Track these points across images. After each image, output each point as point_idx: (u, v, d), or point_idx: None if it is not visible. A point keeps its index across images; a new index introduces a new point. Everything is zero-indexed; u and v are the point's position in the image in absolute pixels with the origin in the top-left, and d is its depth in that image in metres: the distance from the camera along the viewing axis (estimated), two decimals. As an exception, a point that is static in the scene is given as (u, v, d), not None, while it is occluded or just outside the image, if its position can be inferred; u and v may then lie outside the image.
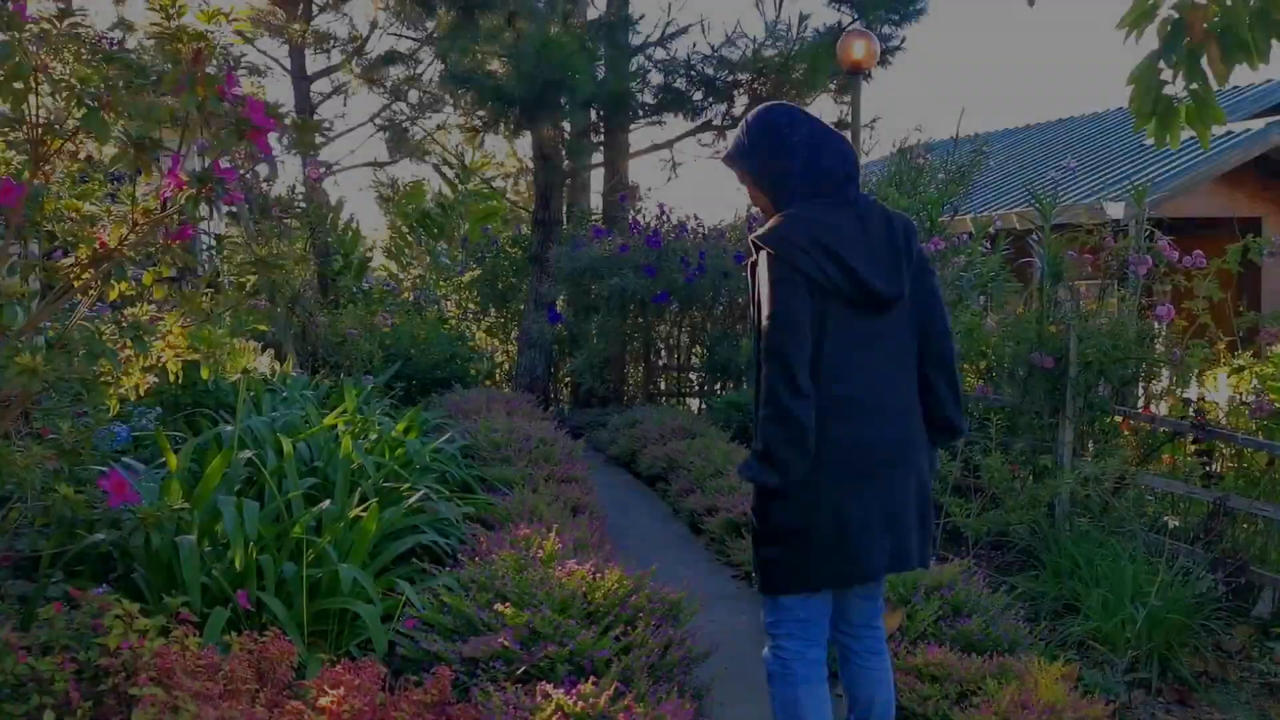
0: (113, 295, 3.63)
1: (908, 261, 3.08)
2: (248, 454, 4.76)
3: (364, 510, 4.27)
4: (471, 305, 15.91)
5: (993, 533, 5.92)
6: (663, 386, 12.63)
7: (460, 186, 18.52)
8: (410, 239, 18.40)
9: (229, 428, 5.12)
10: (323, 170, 9.74)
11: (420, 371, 11.07)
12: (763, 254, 3.04)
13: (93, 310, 3.92)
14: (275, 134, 3.57)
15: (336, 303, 12.81)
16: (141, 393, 3.96)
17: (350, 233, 16.47)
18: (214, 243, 8.99)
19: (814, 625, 3.16)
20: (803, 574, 3.06)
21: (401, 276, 18.11)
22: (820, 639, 3.19)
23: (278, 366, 5.91)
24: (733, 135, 3.33)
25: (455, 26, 12.13)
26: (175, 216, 3.40)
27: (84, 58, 3.17)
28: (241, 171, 9.67)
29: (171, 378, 4.04)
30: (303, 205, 10.24)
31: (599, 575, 4.17)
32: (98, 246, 3.31)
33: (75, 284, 3.44)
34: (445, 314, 15.35)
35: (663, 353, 12.71)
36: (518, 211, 17.59)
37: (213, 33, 3.24)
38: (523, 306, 13.86)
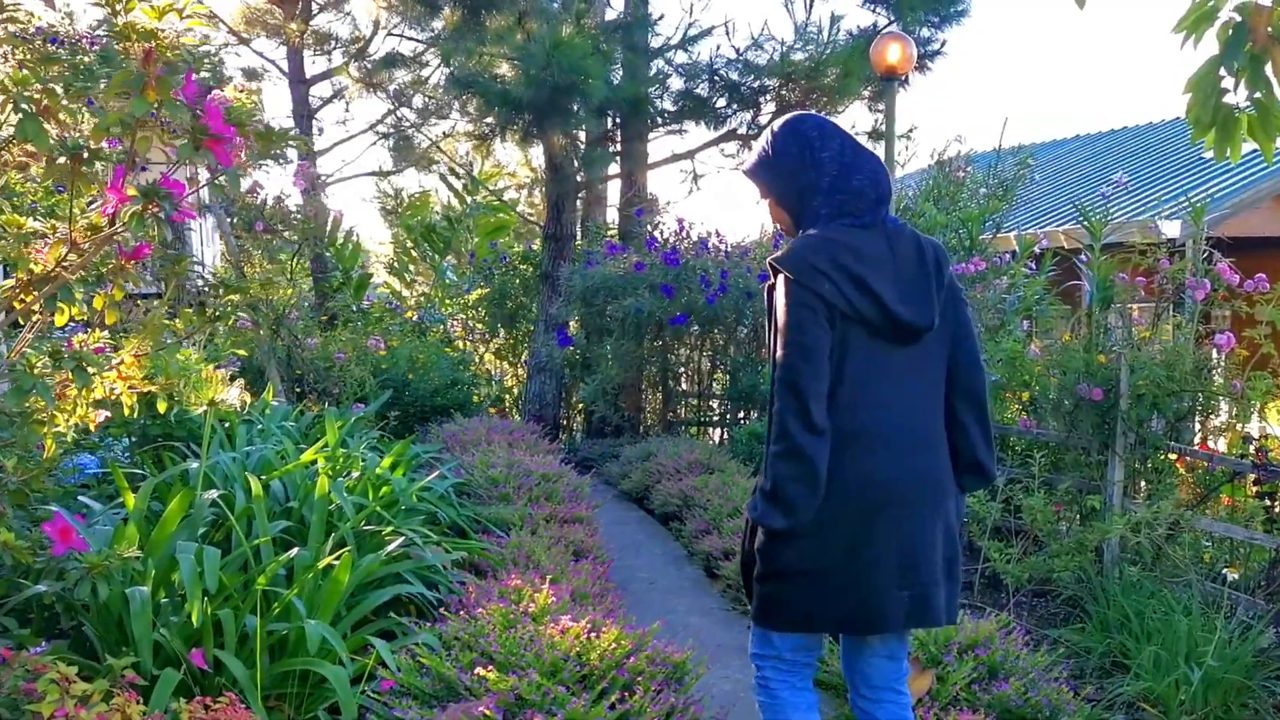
0: (61, 321, 3.50)
1: (939, 288, 2.99)
2: (213, 494, 4.61)
3: (337, 558, 4.11)
4: (479, 326, 15.80)
5: (1035, 580, 5.82)
6: (682, 415, 12.45)
7: (468, 199, 18.44)
8: (414, 254, 18.32)
9: (195, 464, 4.98)
10: (316, 179, 9.61)
11: (419, 399, 10.93)
12: (780, 277, 2.94)
13: (44, 337, 3.80)
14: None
15: (332, 322, 12.70)
16: (92, 428, 3.83)
17: (350, 246, 16.39)
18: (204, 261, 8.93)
19: (804, 666, 3.16)
20: (803, 616, 2.99)
21: (405, 294, 18.03)
22: (809, 673, 3.18)
23: (250, 397, 5.74)
24: (756, 145, 3.22)
25: (460, 27, 12.03)
26: (127, 235, 3.27)
27: (18, 58, 3.05)
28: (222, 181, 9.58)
29: (126, 411, 3.90)
30: (297, 217, 10.10)
31: (596, 633, 4.01)
32: (33, 267, 3.18)
33: (17, 307, 3.32)
34: (451, 335, 15.24)
35: (682, 379, 12.52)
36: (530, 226, 17.49)
37: (164, 30, 3.11)
38: (533, 328, 13.75)
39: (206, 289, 3.61)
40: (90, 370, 3.35)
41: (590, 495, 7.36)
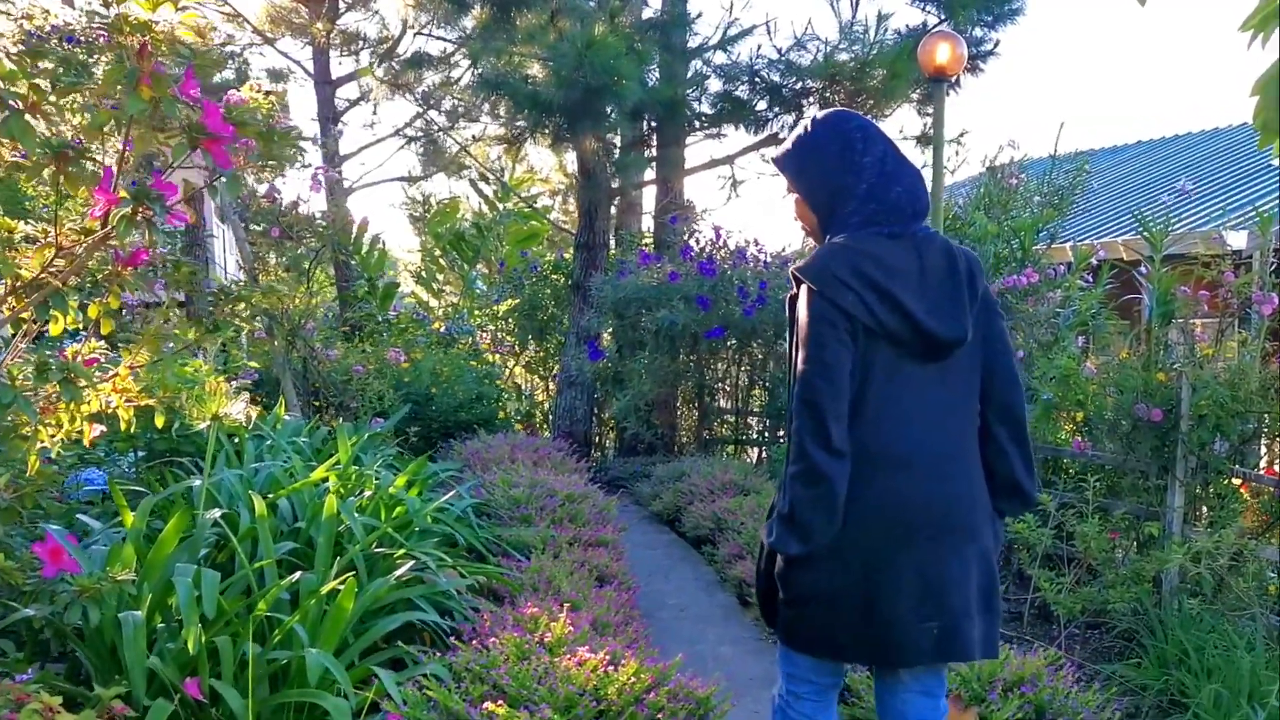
0: (55, 330, 3.45)
1: (971, 300, 2.92)
2: (216, 513, 4.55)
3: (342, 583, 4.04)
4: (509, 338, 15.77)
5: (1088, 611, 5.72)
6: (719, 433, 12.33)
7: (499, 205, 18.44)
8: (442, 262, 18.33)
9: (199, 481, 4.92)
10: (336, 183, 9.56)
11: (442, 414, 10.90)
12: (802, 288, 2.89)
13: (36, 346, 3.76)
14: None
15: (352, 333, 12.68)
16: (86, 443, 3.78)
17: (376, 254, 16.41)
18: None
19: (828, 688, 3.12)
20: (824, 640, 2.95)
21: (433, 304, 18.03)
22: (833, 695, 3.16)
23: (264, 410, 5.70)
24: (792, 134, 3.14)
25: (490, 25, 12.00)
26: (122, 240, 3.20)
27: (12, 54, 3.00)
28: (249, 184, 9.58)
29: (124, 425, 3.85)
30: (321, 223, 10.06)
31: (615, 666, 3.92)
32: (20, 272, 3.12)
33: (5, 314, 3.27)
34: (479, 347, 15.20)
35: (718, 395, 12.41)
36: (564, 234, 17.47)
37: (159, 23, 3.05)
38: (564, 340, 13.70)
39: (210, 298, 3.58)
40: (81, 383, 3.29)
41: (618, 517, 7.29)
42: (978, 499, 2.95)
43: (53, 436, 3.43)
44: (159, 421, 3.84)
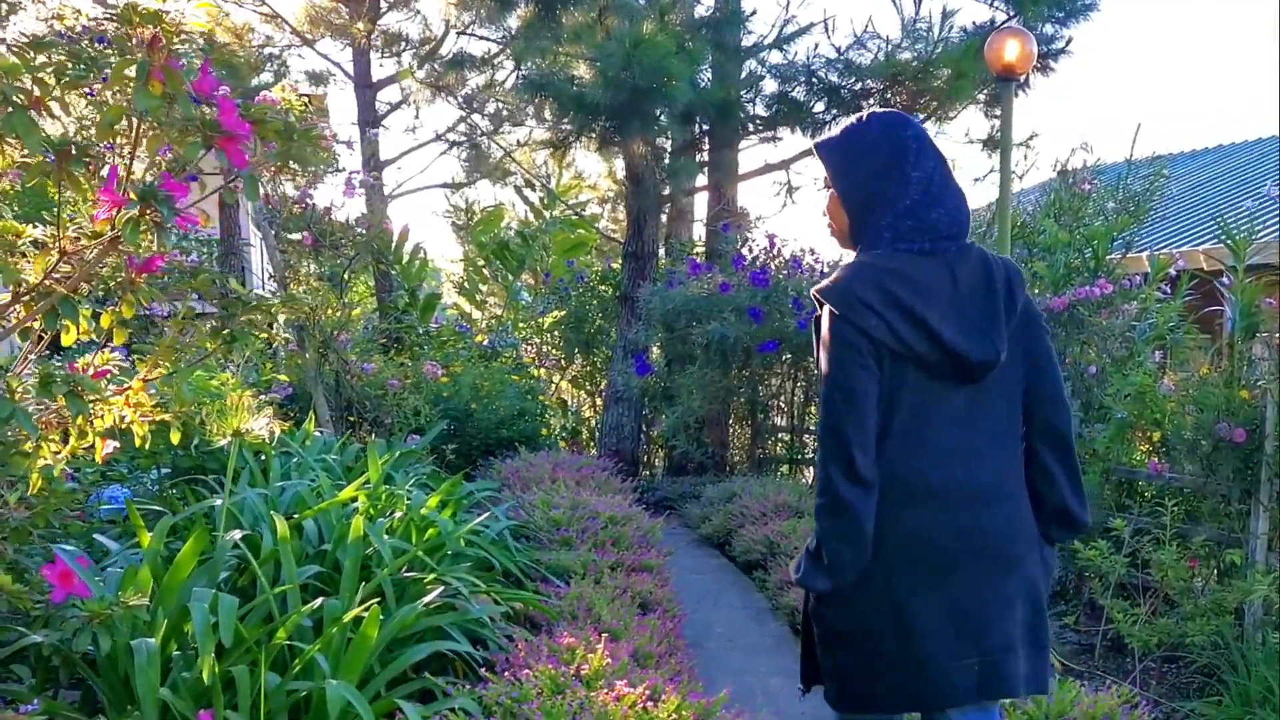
0: (68, 340, 3.41)
1: (1009, 316, 2.89)
2: (236, 534, 4.51)
3: (366, 609, 3.98)
4: (554, 351, 15.75)
5: (1164, 645, 5.61)
6: (773, 451, 12.23)
7: (545, 213, 18.43)
8: (486, 273, 18.34)
9: (219, 500, 4.89)
10: (371, 187, 9.52)
11: (482, 430, 10.87)
12: (824, 309, 2.88)
13: (46, 357, 3.73)
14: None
15: (392, 346, 12.66)
16: (98, 459, 3.74)
17: (417, 263, 16.42)
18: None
19: None
20: (869, 692, 2.92)
21: (476, 316, 18.04)
22: None
23: (280, 426, 5.67)
24: (842, 123, 3.09)
25: (534, 24, 12.00)
26: (131, 244, 3.16)
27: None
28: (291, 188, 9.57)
29: (138, 442, 3.81)
30: (360, 231, 10.05)
31: (655, 701, 3.84)
32: (25, 278, 3.08)
33: (13, 321, 3.23)
34: (522, 361, 15.19)
35: (772, 412, 12.31)
36: (613, 244, 17.43)
37: (169, 12, 3.00)
38: (611, 353, 13.66)
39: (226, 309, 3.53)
40: (89, 397, 3.25)
41: (665, 540, 7.26)
42: (1019, 527, 2.91)
43: (56, 454, 3.38)
44: (174, 438, 3.79)
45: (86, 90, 3.13)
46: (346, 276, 9.73)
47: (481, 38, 16.15)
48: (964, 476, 2.84)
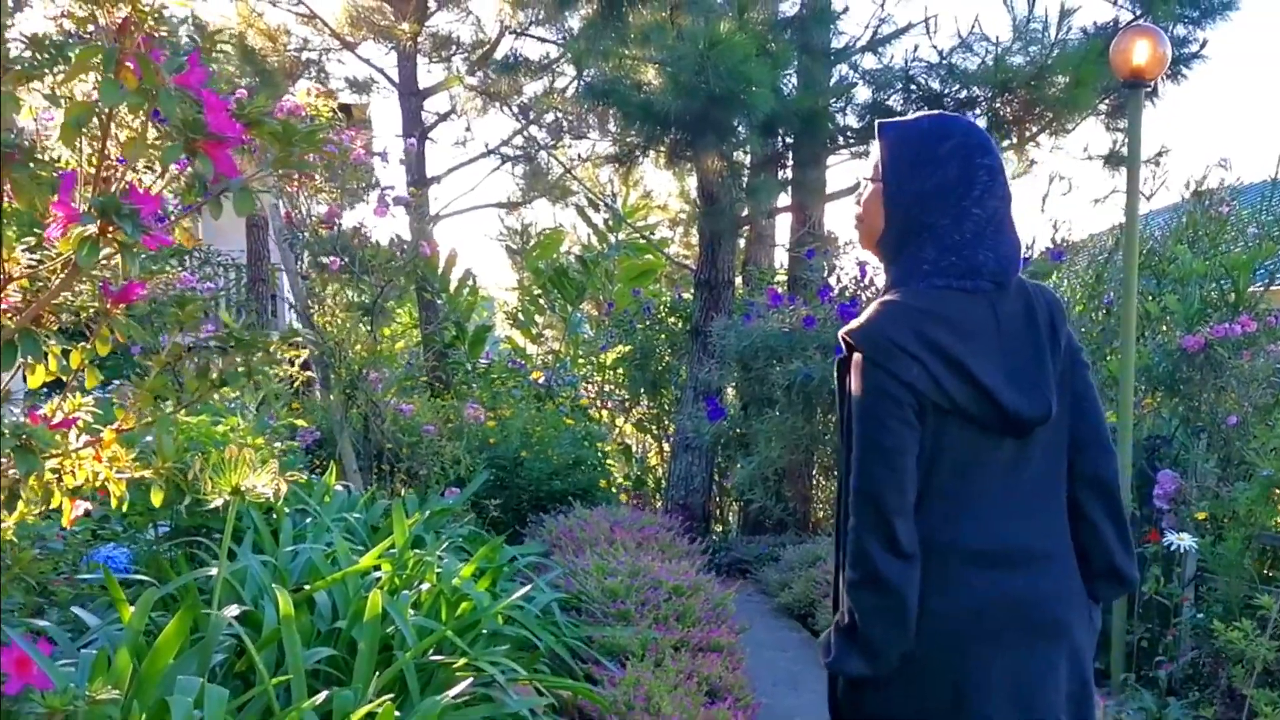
0: (34, 382, 3.18)
1: (1054, 354, 2.82)
2: (234, 610, 4.26)
3: (380, 706, 3.71)
4: (618, 391, 15.57)
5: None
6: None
7: (610, 236, 18.28)
8: (542, 302, 18.21)
9: (215, 570, 4.65)
10: (410, 205, 9.28)
11: (533, 482, 10.65)
12: (855, 355, 2.77)
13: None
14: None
15: (435, 385, 12.49)
16: (66, 523, 3.50)
17: (465, 292, 16.30)
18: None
19: None
20: None
21: (531, 351, 17.91)
22: None
23: (294, 478, 5.41)
24: (919, 116, 2.93)
25: (597, 24, 11.83)
26: (97, 268, 2.91)
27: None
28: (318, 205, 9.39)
29: (115, 503, 3.56)
30: (402, 255, 9.84)
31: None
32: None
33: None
34: (580, 402, 15.00)
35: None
36: (683, 270, 17.22)
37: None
38: (680, 395, 13.45)
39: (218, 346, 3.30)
40: (42, 453, 2.99)
41: (737, 612, 7.03)
42: (1073, 592, 2.86)
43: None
44: (155, 499, 3.53)
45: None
46: (380, 306, 9.50)
47: (539, 39, 16.01)
48: (1016, 540, 2.77)
